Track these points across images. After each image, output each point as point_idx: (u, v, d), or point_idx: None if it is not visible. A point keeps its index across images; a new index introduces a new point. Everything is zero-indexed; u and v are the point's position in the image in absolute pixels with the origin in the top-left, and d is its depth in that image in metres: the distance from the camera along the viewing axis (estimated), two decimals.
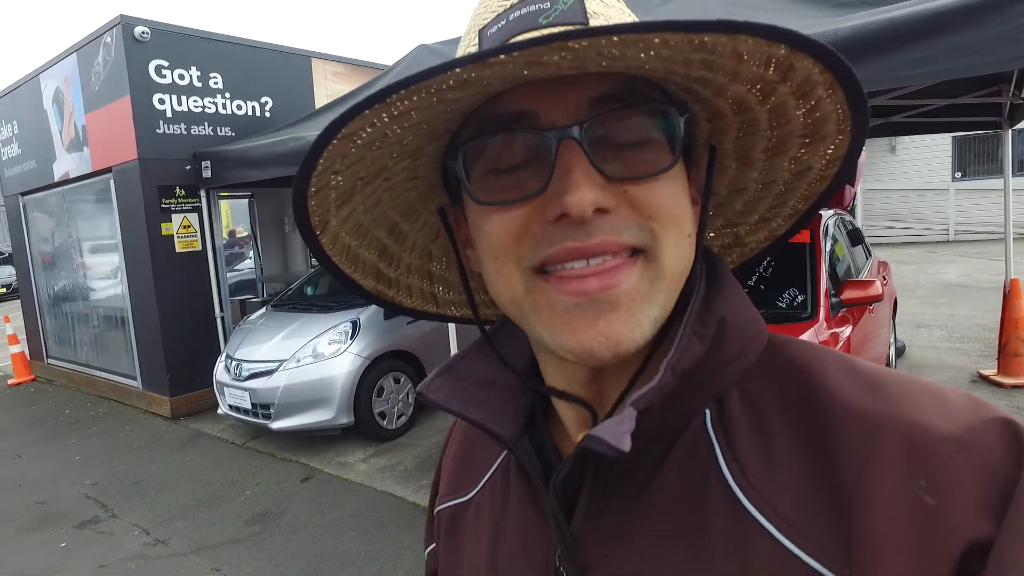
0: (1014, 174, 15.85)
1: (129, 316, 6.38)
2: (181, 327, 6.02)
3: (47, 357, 8.21)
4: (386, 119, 0.40)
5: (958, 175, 16.37)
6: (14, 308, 12.10)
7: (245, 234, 15.49)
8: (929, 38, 2.36)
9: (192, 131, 6.03)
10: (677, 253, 0.45)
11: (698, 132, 0.51)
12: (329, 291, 6.05)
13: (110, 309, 6.88)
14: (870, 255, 5.32)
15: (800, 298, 3.60)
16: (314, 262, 10.77)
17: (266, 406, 4.76)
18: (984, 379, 5.32)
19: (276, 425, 4.72)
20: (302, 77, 6.95)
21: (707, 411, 0.46)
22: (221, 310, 6.23)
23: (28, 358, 8.45)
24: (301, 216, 0.48)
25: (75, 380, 7.62)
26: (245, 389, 4.85)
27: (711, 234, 0.62)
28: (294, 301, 5.85)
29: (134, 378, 6.53)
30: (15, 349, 8.18)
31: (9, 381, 8.19)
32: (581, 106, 0.42)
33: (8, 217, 8.43)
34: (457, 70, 0.35)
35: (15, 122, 7.67)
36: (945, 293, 9.12)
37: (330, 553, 3.49)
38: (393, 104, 0.38)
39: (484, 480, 0.61)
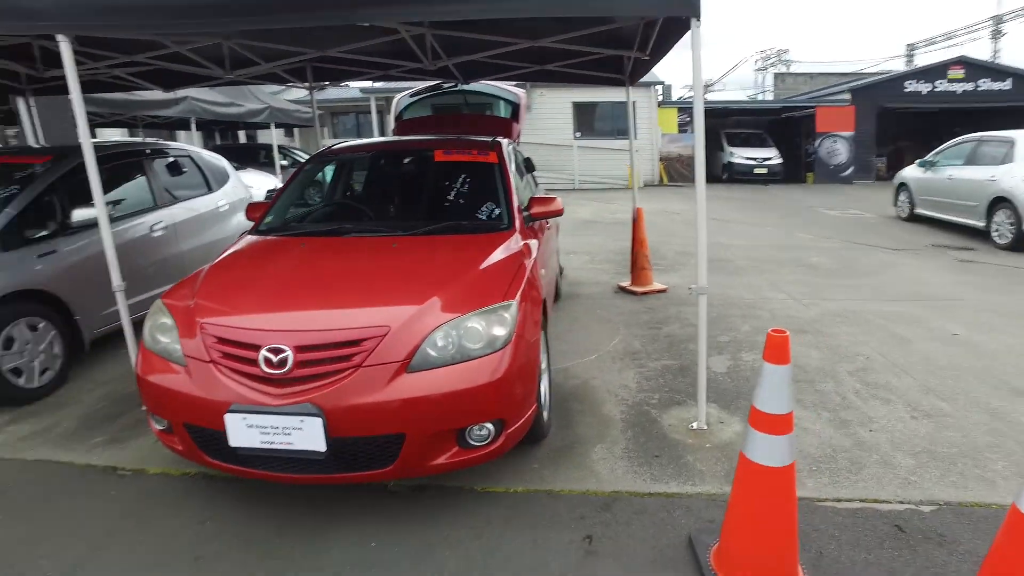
0: (616, 137, 19.38)
1: None
2: None
3: None
4: None
5: (578, 135, 19.32)
6: None
7: None
8: None
9: None
10: None
11: None
12: None
13: None
14: (537, 184, 5.92)
15: (497, 211, 3.82)
16: None
17: None
18: (622, 289, 6.42)
19: None
20: None
21: None
22: None
23: None
24: None
25: None
26: None
27: None
28: None
29: None
30: None
31: None
32: None
33: None
34: None
35: None
36: (582, 228, 10.77)
37: None
38: None
39: None
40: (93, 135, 9.61)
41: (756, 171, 19.35)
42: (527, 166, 5.45)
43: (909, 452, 3.08)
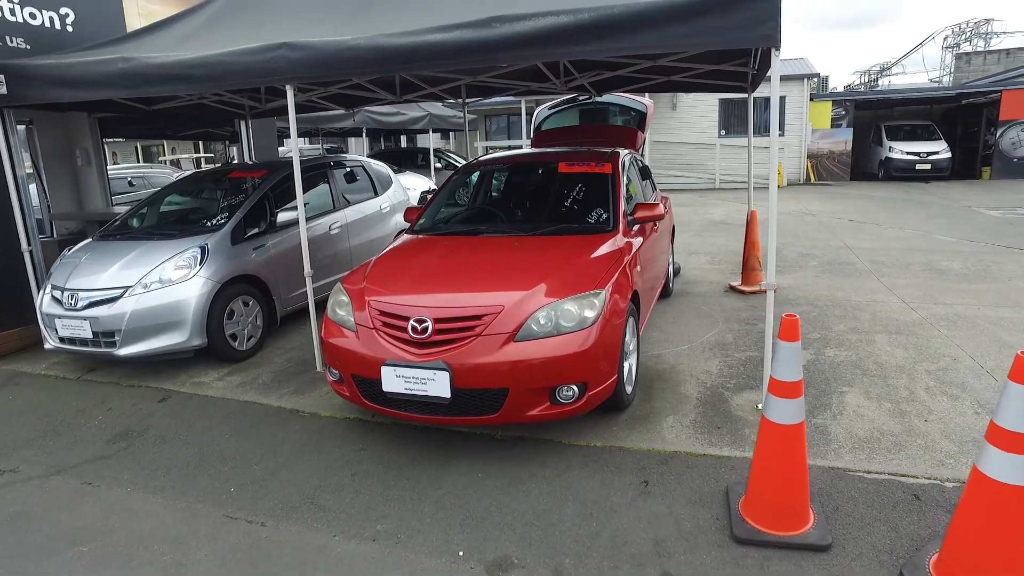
0: (759, 134, 19.00)
1: None
2: None
3: None
4: None
5: (723, 132, 19.16)
6: None
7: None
8: (696, 18, 3.27)
9: None
10: None
11: None
12: (163, 221, 5.95)
13: None
14: (655, 189, 6.50)
15: (604, 216, 4.52)
16: (118, 198, 9.98)
17: (110, 333, 4.75)
18: (732, 289, 6.83)
19: (124, 351, 4.74)
20: None
21: None
22: (29, 244, 5.83)
23: None
24: None
25: None
26: (84, 318, 4.77)
27: None
28: (122, 232, 5.69)
29: None
30: None
31: None
32: None
33: None
34: None
35: None
36: (710, 228, 11.04)
37: (208, 454, 3.76)
38: None
39: None
40: (281, 144, 11.33)
41: (918, 167, 18.07)
42: (643, 173, 6.06)
43: (956, 440, 3.40)
